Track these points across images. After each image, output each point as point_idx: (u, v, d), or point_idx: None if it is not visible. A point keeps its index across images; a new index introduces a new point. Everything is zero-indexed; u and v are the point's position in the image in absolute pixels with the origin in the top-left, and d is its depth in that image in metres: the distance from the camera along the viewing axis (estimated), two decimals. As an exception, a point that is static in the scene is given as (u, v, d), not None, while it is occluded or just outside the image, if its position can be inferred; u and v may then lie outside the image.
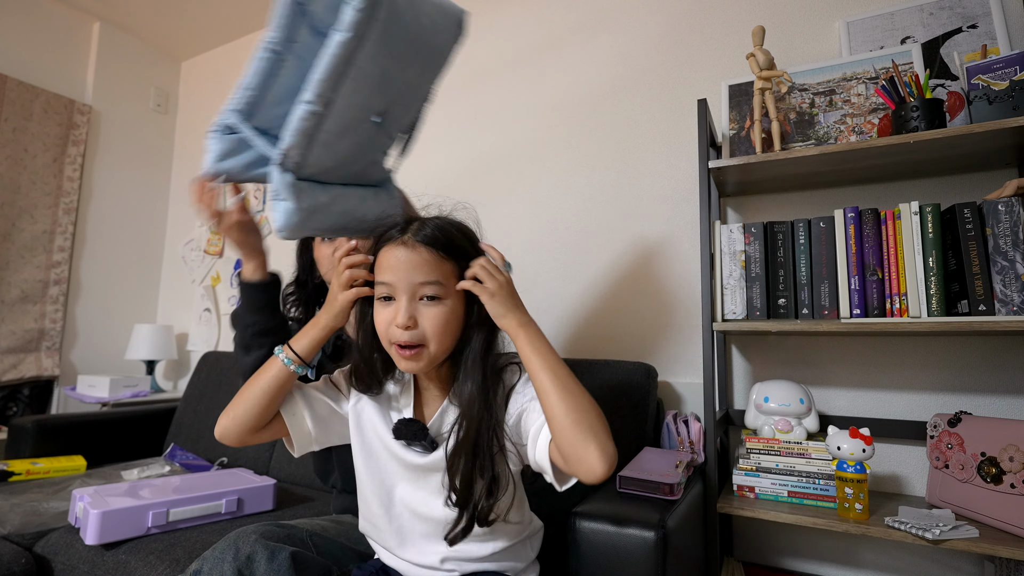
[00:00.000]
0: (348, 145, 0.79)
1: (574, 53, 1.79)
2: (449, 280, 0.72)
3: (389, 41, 0.73)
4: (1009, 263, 0.99)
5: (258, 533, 0.76)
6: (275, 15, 0.74)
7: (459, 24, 0.84)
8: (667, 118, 1.61)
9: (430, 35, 0.80)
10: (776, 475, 1.15)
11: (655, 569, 0.81)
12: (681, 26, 1.63)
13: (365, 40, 0.70)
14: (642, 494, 0.99)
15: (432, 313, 0.71)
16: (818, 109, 1.32)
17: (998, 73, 1.08)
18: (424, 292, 0.71)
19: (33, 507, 1.25)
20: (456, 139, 1.97)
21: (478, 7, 2.00)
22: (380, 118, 0.81)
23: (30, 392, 2.26)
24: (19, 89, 2.25)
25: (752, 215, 1.46)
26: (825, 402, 1.33)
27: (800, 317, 1.16)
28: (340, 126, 0.75)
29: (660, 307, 1.54)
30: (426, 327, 0.71)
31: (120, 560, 1.05)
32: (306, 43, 0.76)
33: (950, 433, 1.08)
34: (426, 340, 0.72)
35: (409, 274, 0.71)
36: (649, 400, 1.28)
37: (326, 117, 0.72)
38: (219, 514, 1.21)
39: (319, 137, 0.74)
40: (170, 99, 2.84)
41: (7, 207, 2.20)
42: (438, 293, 0.72)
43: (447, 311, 0.72)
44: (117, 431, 1.87)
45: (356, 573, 0.80)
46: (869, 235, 1.11)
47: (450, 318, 0.72)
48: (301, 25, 0.75)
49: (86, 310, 2.45)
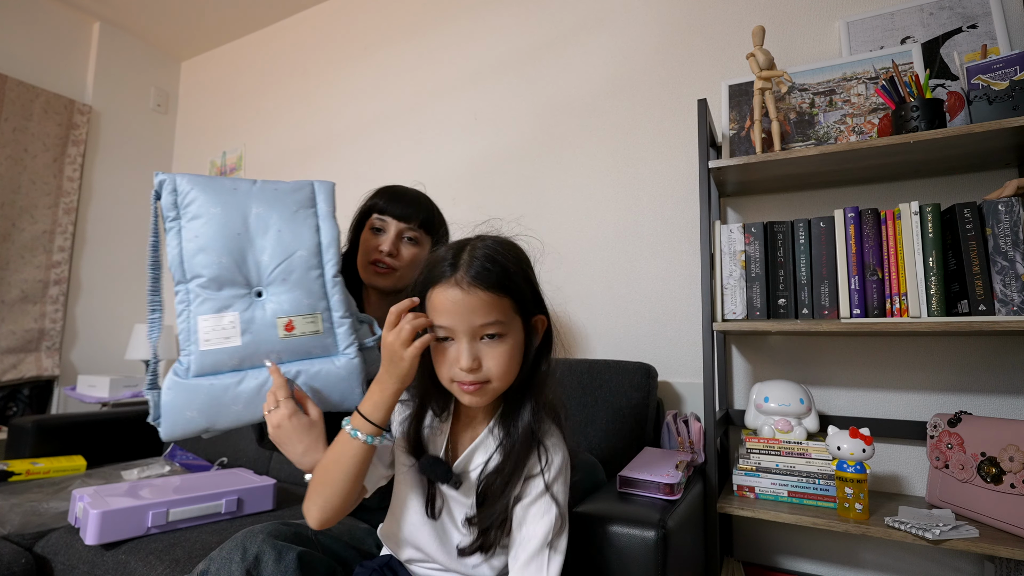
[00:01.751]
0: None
1: (574, 53, 1.79)
2: (508, 315, 0.70)
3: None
4: (1009, 263, 0.99)
5: (265, 532, 0.76)
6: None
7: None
8: (667, 118, 1.61)
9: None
10: (776, 475, 1.15)
11: (655, 569, 0.81)
12: (681, 26, 1.63)
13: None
14: (642, 494, 0.99)
15: (496, 352, 0.69)
16: (818, 109, 1.32)
17: (998, 73, 1.08)
18: (485, 332, 0.69)
19: (33, 507, 1.25)
20: (456, 139, 1.97)
21: (478, 7, 2.00)
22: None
23: (30, 392, 2.26)
24: (19, 89, 2.25)
25: (752, 215, 1.46)
26: (825, 402, 1.33)
27: (800, 317, 1.16)
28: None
29: (660, 307, 1.54)
30: (491, 366, 0.69)
31: (120, 560, 1.05)
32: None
33: (950, 433, 1.08)
34: (491, 378, 0.70)
35: (468, 318, 0.68)
36: (649, 400, 1.28)
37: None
38: (219, 514, 1.21)
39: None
40: (170, 99, 2.84)
41: (7, 207, 2.20)
42: (499, 331, 0.69)
43: (509, 347, 0.70)
44: (117, 431, 1.87)
45: (359, 571, 0.81)
46: (869, 235, 1.11)
47: (513, 353, 0.71)
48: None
49: (86, 310, 2.45)
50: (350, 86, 2.29)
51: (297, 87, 2.46)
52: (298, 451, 0.81)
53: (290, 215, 0.92)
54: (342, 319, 0.93)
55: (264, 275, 0.89)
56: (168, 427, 0.85)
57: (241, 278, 0.88)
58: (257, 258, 0.89)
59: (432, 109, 2.05)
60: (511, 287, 0.70)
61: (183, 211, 0.88)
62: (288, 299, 0.89)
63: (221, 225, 0.88)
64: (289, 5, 2.45)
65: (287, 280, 0.90)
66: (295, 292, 0.90)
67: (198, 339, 0.85)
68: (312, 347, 0.90)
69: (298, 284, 0.90)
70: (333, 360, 0.91)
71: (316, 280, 0.92)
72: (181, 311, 0.86)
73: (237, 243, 0.88)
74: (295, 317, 0.89)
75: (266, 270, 0.89)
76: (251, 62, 2.64)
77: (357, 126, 2.24)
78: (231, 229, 0.88)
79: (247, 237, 0.89)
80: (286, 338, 0.88)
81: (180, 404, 0.84)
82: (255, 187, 0.92)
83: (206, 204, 0.88)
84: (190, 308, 0.86)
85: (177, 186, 0.88)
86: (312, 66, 2.42)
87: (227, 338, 0.85)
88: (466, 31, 2.01)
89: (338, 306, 0.93)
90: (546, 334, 0.76)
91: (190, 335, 0.85)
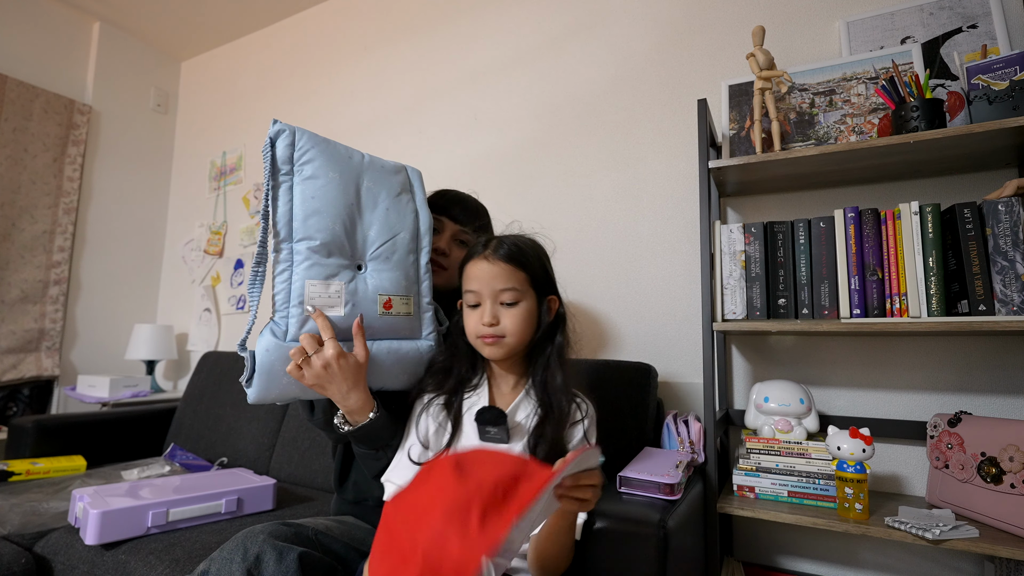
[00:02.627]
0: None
1: (574, 53, 1.79)
2: (523, 285, 0.87)
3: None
4: (1009, 263, 0.99)
5: (266, 533, 0.76)
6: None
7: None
8: (667, 118, 1.61)
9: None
10: (776, 475, 1.15)
11: (655, 569, 0.81)
12: (681, 26, 1.63)
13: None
14: (642, 494, 0.99)
15: (511, 313, 0.86)
16: (818, 109, 1.32)
17: (998, 73, 1.08)
18: (503, 298, 0.86)
19: (33, 507, 1.25)
20: (456, 139, 1.97)
21: (478, 7, 2.00)
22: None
23: (30, 392, 2.26)
24: (19, 89, 2.25)
25: (752, 215, 1.46)
26: (825, 402, 1.33)
27: (800, 317, 1.16)
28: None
29: (660, 307, 1.54)
30: (506, 324, 0.86)
31: (120, 560, 1.05)
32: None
33: (950, 433, 1.08)
34: (506, 333, 0.86)
35: (491, 283, 0.86)
36: (649, 400, 1.28)
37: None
38: (219, 514, 1.21)
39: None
40: (170, 99, 2.84)
41: (7, 207, 2.20)
42: (515, 298, 0.86)
43: (522, 311, 0.87)
44: (117, 431, 1.87)
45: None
46: (869, 235, 1.11)
47: (525, 317, 0.87)
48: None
49: (86, 310, 2.45)
50: (350, 86, 2.29)
51: (297, 87, 2.46)
52: (343, 390, 0.82)
53: (395, 196, 0.93)
54: (428, 304, 0.97)
55: (369, 250, 0.89)
56: (261, 390, 0.81)
57: (348, 248, 0.87)
58: (365, 232, 0.89)
59: (432, 109, 2.05)
60: (526, 264, 0.88)
61: (298, 167, 0.84)
62: (389, 278, 0.90)
63: (339, 191, 0.86)
64: (289, 5, 2.45)
65: (390, 259, 0.91)
66: (396, 272, 0.91)
67: (303, 302, 0.82)
68: (402, 327, 0.92)
69: (399, 265, 0.92)
70: (418, 344, 0.94)
71: (413, 264, 0.95)
72: (283, 269, 0.82)
73: (349, 213, 0.87)
74: (393, 296, 0.90)
75: (372, 245, 0.89)
76: (251, 62, 2.64)
77: (357, 126, 2.24)
78: (347, 198, 0.87)
79: (358, 209, 0.89)
80: (383, 315, 0.88)
81: (279, 368, 0.80)
82: (365, 160, 0.92)
83: (324, 166, 0.85)
84: (294, 269, 0.82)
85: (296, 140, 0.84)
86: (312, 66, 2.42)
87: (331, 306, 0.83)
88: (466, 31, 2.01)
89: (427, 292, 0.97)
90: (559, 314, 0.92)
91: (291, 296, 0.82)
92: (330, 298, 0.84)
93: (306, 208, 0.83)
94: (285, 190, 0.83)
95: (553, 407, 0.85)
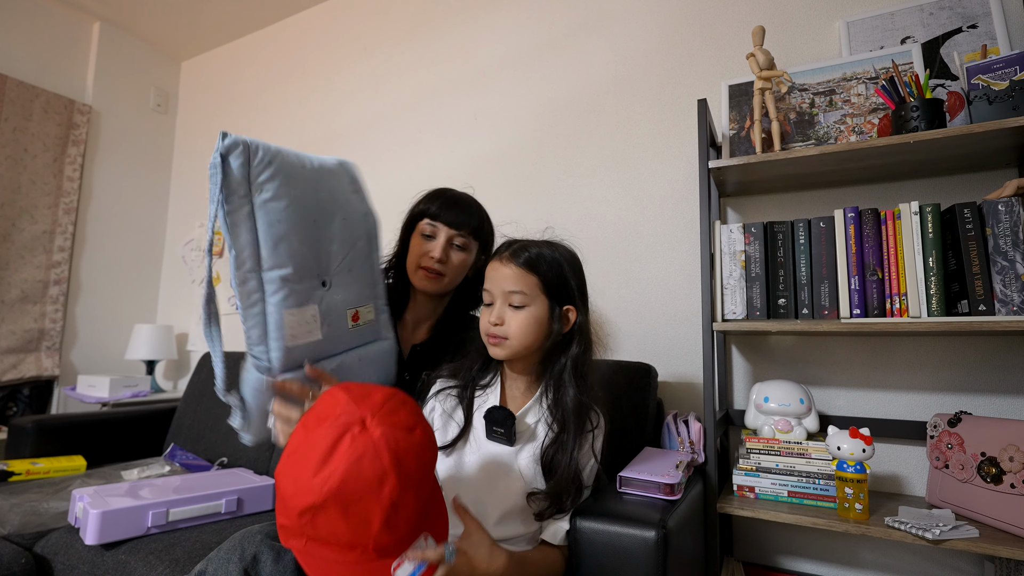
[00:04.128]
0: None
1: (574, 53, 1.79)
2: (533, 290, 0.88)
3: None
4: (1009, 263, 0.99)
5: (263, 533, 0.76)
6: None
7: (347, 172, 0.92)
8: (667, 118, 1.61)
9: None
10: (776, 475, 1.15)
11: (655, 569, 0.81)
12: (681, 26, 1.63)
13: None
14: (642, 494, 0.99)
15: (517, 316, 0.87)
16: (818, 109, 1.32)
17: (998, 73, 1.08)
18: (512, 300, 0.88)
19: (33, 507, 1.25)
20: (456, 139, 1.97)
21: (478, 7, 2.00)
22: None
23: (30, 392, 2.26)
24: (19, 89, 2.25)
25: (752, 215, 1.46)
26: (825, 402, 1.33)
27: (800, 317, 1.16)
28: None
29: (660, 307, 1.54)
30: (511, 326, 0.87)
31: (120, 560, 1.05)
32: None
33: (950, 433, 1.08)
34: (509, 335, 0.87)
35: (501, 283, 0.88)
36: (649, 400, 1.28)
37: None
38: (219, 514, 1.21)
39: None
40: (170, 99, 2.84)
41: (7, 207, 2.20)
42: (523, 302, 0.88)
43: (528, 315, 0.88)
44: (117, 431, 1.87)
45: None
46: (869, 235, 1.11)
47: (531, 321, 0.88)
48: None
49: (86, 310, 2.45)
50: (350, 86, 2.29)
51: (297, 87, 2.46)
52: None
53: (345, 201, 0.88)
54: (384, 305, 0.96)
55: (332, 265, 0.85)
56: (258, 430, 0.78)
57: (315, 268, 0.81)
58: (327, 247, 0.84)
59: (432, 109, 2.05)
60: (539, 269, 0.88)
61: (256, 187, 0.74)
62: (354, 290, 0.88)
63: (303, 210, 0.78)
64: (289, 5, 2.45)
65: (352, 271, 0.88)
66: (359, 283, 0.89)
67: (283, 335, 0.76)
68: (367, 333, 0.91)
69: (360, 275, 0.90)
70: (381, 343, 0.94)
71: (370, 270, 0.93)
72: (254, 302, 0.75)
73: (313, 231, 0.80)
74: (360, 308, 0.89)
75: (335, 260, 0.85)
76: (251, 62, 2.64)
77: (357, 126, 2.24)
78: (309, 216, 0.79)
79: (320, 224, 0.83)
80: (353, 328, 0.87)
81: (270, 406, 0.78)
82: (314, 165, 0.84)
83: (285, 185, 0.76)
84: (267, 299, 0.76)
85: (251, 156, 0.73)
86: (312, 66, 2.42)
87: (309, 332, 0.79)
88: (466, 31, 2.01)
89: (382, 294, 0.96)
90: (576, 325, 0.91)
91: (268, 330, 0.76)
92: (307, 324, 0.79)
93: (273, 234, 0.74)
94: (244, 216, 0.73)
95: (568, 425, 0.87)
